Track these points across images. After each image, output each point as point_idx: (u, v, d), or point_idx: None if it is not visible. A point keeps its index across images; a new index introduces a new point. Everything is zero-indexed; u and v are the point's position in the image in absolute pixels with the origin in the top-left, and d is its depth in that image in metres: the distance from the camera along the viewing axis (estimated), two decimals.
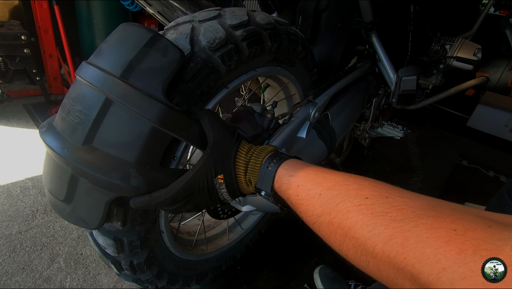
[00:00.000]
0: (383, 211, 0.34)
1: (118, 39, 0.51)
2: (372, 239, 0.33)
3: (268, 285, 1.13)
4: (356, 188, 0.38)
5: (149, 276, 0.73)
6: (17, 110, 2.04)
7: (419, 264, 0.28)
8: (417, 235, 0.29)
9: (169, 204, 0.49)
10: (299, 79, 0.90)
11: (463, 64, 1.43)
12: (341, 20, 1.08)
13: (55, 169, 0.52)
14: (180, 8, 0.96)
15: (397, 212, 0.33)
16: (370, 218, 0.34)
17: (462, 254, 0.26)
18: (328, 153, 0.97)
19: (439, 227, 0.29)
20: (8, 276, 1.04)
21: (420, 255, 0.28)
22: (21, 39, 1.93)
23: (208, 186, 0.49)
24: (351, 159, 1.94)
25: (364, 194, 0.37)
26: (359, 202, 0.36)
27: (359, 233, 0.34)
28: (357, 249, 0.34)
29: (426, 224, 0.30)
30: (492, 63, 2.97)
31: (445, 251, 0.27)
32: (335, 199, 0.39)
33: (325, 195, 0.40)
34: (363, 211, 0.35)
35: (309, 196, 0.42)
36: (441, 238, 0.28)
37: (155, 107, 0.47)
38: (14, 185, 1.41)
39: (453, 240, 0.27)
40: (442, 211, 0.31)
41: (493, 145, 2.54)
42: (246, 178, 0.49)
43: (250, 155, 0.49)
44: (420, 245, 0.29)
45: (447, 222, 0.29)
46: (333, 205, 0.38)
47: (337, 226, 0.37)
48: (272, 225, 1.26)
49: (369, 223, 0.34)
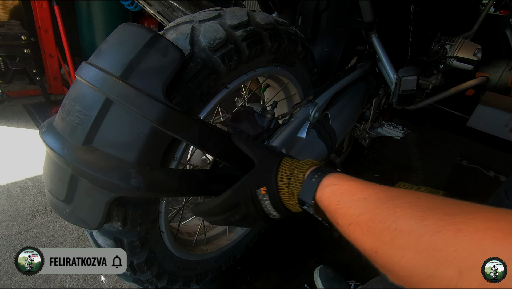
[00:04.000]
0: (436, 206, 0.32)
1: (118, 39, 0.51)
2: (418, 230, 0.30)
3: (268, 285, 1.13)
4: (408, 194, 0.36)
5: (149, 277, 0.73)
6: (17, 110, 2.04)
7: (471, 256, 0.26)
8: (473, 226, 0.27)
9: (218, 212, 0.53)
10: (299, 79, 0.90)
11: (463, 64, 1.43)
12: (341, 20, 1.08)
13: (55, 169, 0.52)
14: (180, 8, 0.96)
15: (452, 207, 0.31)
16: (420, 211, 0.32)
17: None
18: (328, 153, 0.97)
19: (502, 219, 0.27)
20: (8, 276, 1.04)
21: (475, 247, 0.26)
22: (21, 39, 1.93)
23: (252, 196, 0.51)
24: (351, 159, 1.94)
25: (417, 195, 0.35)
26: (410, 200, 0.34)
27: (403, 224, 0.32)
28: (394, 241, 0.32)
29: (486, 216, 0.28)
30: (492, 63, 2.97)
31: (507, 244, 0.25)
32: (383, 199, 0.37)
33: (371, 198, 0.38)
34: (413, 206, 0.33)
35: (352, 200, 0.40)
36: (502, 230, 0.26)
37: (155, 107, 0.47)
38: (14, 185, 1.41)
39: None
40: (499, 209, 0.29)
41: (493, 145, 2.54)
42: (289, 189, 0.49)
43: (293, 167, 0.50)
44: (476, 236, 0.27)
45: (509, 214, 0.27)
46: (380, 204, 0.36)
47: (379, 220, 0.35)
48: (272, 225, 1.26)
49: (418, 216, 0.31)
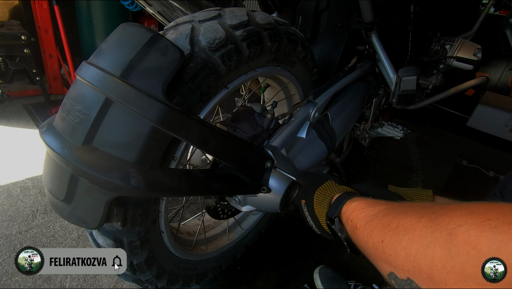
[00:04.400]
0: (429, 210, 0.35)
1: (118, 39, 0.51)
2: (417, 223, 0.34)
3: (268, 285, 1.13)
4: (416, 206, 0.40)
5: (149, 276, 0.73)
6: (17, 110, 2.04)
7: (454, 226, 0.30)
8: (448, 216, 0.31)
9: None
10: (299, 79, 0.90)
11: (463, 64, 1.43)
12: (341, 20, 1.08)
13: (55, 169, 0.52)
14: (180, 8, 0.96)
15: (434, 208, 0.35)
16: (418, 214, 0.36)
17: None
18: (328, 153, 0.97)
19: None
20: (8, 276, 1.04)
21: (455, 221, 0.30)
22: (21, 39, 1.93)
23: (299, 205, 0.66)
24: (351, 159, 1.94)
25: (421, 206, 0.39)
26: (417, 210, 0.37)
27: (405, 221, 0.36)
28: (397, 228, 0.37)
29: (458, 210, 0.32)
30: (492, 63, 2.97)
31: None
32: (396, 207, 0.42)
33: (388, 206, 0.43)
34: (415, 211, 0.37)
35: (375, 203, 0.46)
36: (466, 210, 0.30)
37: (155, 107, 0.47)
38: (14, 185, 1.41)
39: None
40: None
41: (493, 145, 2.53)
42: (322, 206, 0.59)
43: (330, 190, 0.60)
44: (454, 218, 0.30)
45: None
46: (393, 208, 0.42)
47: (391, 217, 0.39)
48: (272, 225, 1.26)
49: (416, 216, 0.35)
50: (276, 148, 0.78)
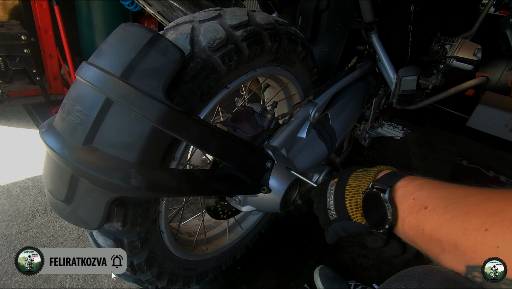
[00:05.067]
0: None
1: (118, 39, 0.51)
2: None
3: (268, 285, 1.13)
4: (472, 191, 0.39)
5: (149, 277, 0.73)
6: (17, 110, 2.04)
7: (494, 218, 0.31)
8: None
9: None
10: (299, 79, 0.90)
11: (463, 64, 1.43)
12: (341, 20, 1.08)
13: (55, 169, 0.52)
14: (180, 8, 0.96)
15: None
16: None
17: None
18: (328, 153, 0.97)
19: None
20: (8, 276, 1.04)
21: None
22: (21, 39, 1.93)
23: (322, 187, 0.61)
24: (351, 159, 1.94)
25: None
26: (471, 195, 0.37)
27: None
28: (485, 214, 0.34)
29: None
30: (492, 63, 2.97)
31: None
32: (455, 191, 0.40)
33: (479, 190, 0.39)
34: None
35: (450, 186, 0.42)
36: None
37: (156, 107, 0.47)
38: (14, 185, 1.41)
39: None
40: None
41: (493, 145, 2.54)
42: (364, 177, 0.54)
43: (379, 168, 0.55)
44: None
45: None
46: (452, 190, 0.40)
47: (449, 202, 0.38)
48: (272, 225, 1.26)
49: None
50: (276, 148, 0.78)
